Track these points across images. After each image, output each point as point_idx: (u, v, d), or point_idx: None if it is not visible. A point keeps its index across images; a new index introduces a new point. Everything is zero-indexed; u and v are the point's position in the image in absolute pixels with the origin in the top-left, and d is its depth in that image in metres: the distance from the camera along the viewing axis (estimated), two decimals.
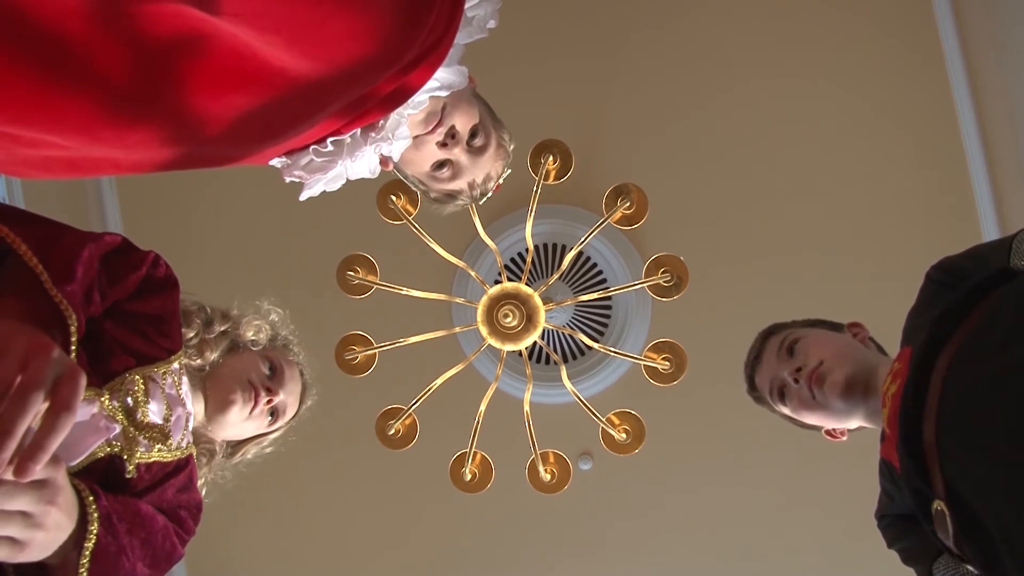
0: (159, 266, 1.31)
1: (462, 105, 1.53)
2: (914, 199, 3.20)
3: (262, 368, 1.55)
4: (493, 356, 3.14)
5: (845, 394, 1.50)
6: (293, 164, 1.43)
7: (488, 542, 3.42)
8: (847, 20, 3.21)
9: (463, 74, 1.47)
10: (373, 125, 1.41)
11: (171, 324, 1.31)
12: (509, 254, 3.30)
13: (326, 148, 1.40)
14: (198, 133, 1.15)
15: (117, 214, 3.30)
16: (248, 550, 3.37)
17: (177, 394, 1.31)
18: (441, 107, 1.49)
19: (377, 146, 1.44)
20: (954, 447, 1.11)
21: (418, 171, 1.61)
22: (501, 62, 3.21)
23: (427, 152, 1.54)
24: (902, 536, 1.47)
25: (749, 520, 3.35)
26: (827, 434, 1.68)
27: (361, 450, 2.93)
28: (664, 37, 3.27)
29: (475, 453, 2.59)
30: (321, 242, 3.19)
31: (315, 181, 1.47)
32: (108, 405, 1.17)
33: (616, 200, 2.57)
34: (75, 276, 1.11)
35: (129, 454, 1.18)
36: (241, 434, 1.58)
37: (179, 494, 1.29)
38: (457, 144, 1.55)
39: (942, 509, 1.13)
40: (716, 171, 3.26)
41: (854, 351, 1.58)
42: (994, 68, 3.00)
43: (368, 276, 2.61)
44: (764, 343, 1.70)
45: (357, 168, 1.48)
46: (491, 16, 1.44)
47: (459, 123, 1.53)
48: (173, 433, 1.27)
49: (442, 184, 1.63)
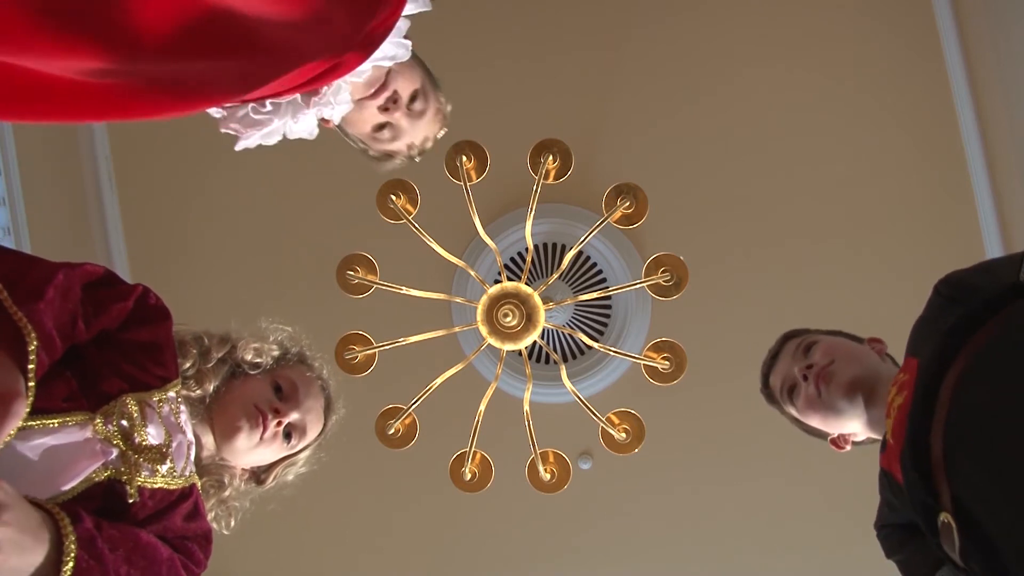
0: (148, 297, 1.29)
1: (405, 71, 1.62)
2: (914, 199, 3.20)
3: (268, 391, 1.49)
4: (493, 356, 3.14)
5: (849, 393, 1.52)
6: (229, 117, 1.49)
7: (488, 542, 3.42)
8: (847, 20, 3.21)
9: (407, 47, 1.55)
10: (315, 91, 1.48)
11: (164, 354, 1.29)
12: (509, 254, 3.30)
13: (264, 108, 1.46)
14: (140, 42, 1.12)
15: (117, 214, 3.30)
16: (248, 550, 3.37)
17: (176, 422, 1.29)
18: (385, 73, 1.58)
19: (318, 109, 1.52)
20: (962, 461, 1.11)
21: (359, 132, 1.71)
22: (501, 62, 3.21)
23: (368, 115, 1.64)
24: (901, 547, 1.48)
25: (749, 519, 3.35)
26: (832, 443, 1.70)
27: (361, 450, 2.92)
28: (664, 38, 3.27)
29: (475, 452, 2.59)
30: (321, 242, 3.19)
31: (250, 135, 1.52)
32: (102, 429, 1.16)
33: (616, 199, 2.57)
34: (44, 295, 1.10)
35: (130, 478, 1.16)
36: (262, 460, 1.53)
37: (187, 522, 1.27)
38: (398, 108, 1.64)
39: (948, 521, 1.12)
40: (716, 171, 3.26)
41: (866, 357, 1.61)
42: (994, 68, 3.00)
43: (368, 276, 2.61)
44: (783, 344, 1.74)
45: (297, 128, 1.55)
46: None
47: (401, 88, 1.62)
48: (176, 460, 1.25)
49: (382, 145, 1.73)
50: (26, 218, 2.73)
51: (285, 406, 1.50)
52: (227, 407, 1.45)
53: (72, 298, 1.16)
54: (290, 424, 1.50)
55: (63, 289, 1.14)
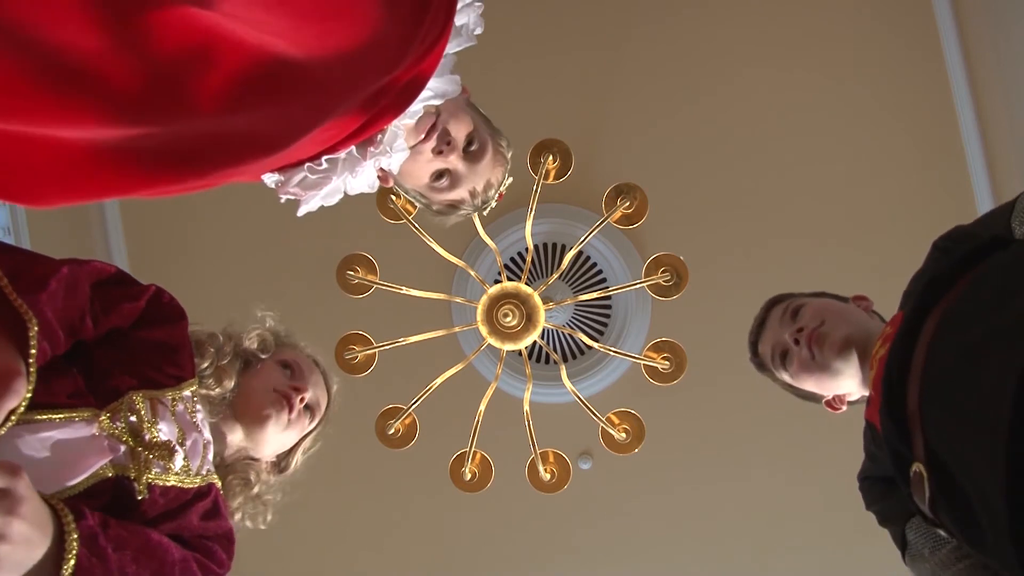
0: (162, 296, 1.30)
1: (457, 112, 1.53)
2: (914, 199, 3.20)
3: (280, 374, 1.53)
4: (493, 356, 3.14)
5: (842, 351, 1.53)
6: (287, 181, 1.42)
7: (488, 541, 3.42)
8: (847, 20, 3.21)
9: (456, 83, 1.48)
10: (371, 140, 1.41)
11: (180, 354, 1.30)
12: (509, 253, 3.30)
13: (320, 165, 1.40)
14: (199, 130, 1.12)
15: (117, 214, 3.30)
16: (248, 550, 3.36)
17: (191, 420, 1.28)
18: (435, 115, 1.50)
19: (376, 160, 1.44)
20: (936, 411, 1.12)
21: (418, 183, 1.60)
22: (501, 61, 3.21)
23: (424, 162, 1.54)
24: (881, 498, 1.48)
25: (749, 519, 3.35)
26: (827, 405, 1.69)
27: (361, 450, 2.93)
28: (664, 38, 3.27)
29: (475, 452, 2.60)
30: (321, 242, 3.19)
31: (311, 197, 1.46)
32: (108, 425, 1.15)
33: (616, 199, 2.57)
34: (47, 287, 1.11)
35: (138, 474, 1.15)
36: (286, 444, 1.55)
37: (205, 522, 1.26)
38: (453, 151, 1.54)
39: (920, 471, 1.13)
40: (716, 171, 3.26)
41: (856, 315, 1.62)
42: (994, 68, 3.00)
43: (368, 275, 2.61)
44: (769, 311, 1.75)
45: (356, 183, 1.48)
46: (477, 24, 1.46)
47: (454, 130, 1.53)
48: (191, 458, 1.25)
49: (442, 195, 1.61)
50: (26, 218, 2.73)
51: (301, 383, 1.53)
52: (249, 399, 1.47)
53: (80, 294, 1.16)
54: (309, 399, 1.54)
55: (68, 283, 1.14)
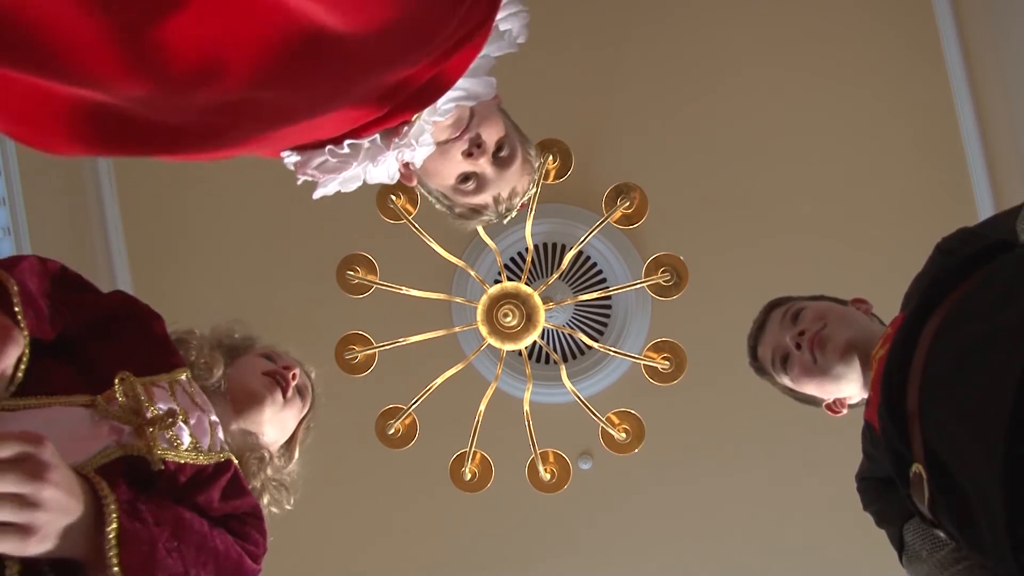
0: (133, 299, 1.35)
1: (489, 116, 1.50)
2: (914, 199, 3.20)
3: (264, 360, 1.57)
4: (493, 356, 3.14)
5: (845, 355, 1.52)
6: (306, 162, 1.38)
7: (488, 541, 3.42)
8: (847, 20, 3.21)
9: (491, 85, 1.44)
10: (396, 130, 1.37)
11: (166, 346, 1.33)
12: (509, 254, 3.30)
13: (342, 150, 1.36)
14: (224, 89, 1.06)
15: (117, 214, 3.30)
16: None
17: (192, 401, 1.30)
18: (468, 115, 1.46)
19: (399, 152, 1.40)
20: (936, 410, 1.11)
21: (442, 184, 1.56)
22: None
23: (452, 162, 1.50)
24: (878, 499, 1.47)
25: (749, 519, 3.35)
26: (828, 409, 1.68)
27: (361, 450, 2.93)
28: (664, 38, 3.27)
29: (475, 452, 2.60)
30: (321, 242, 3.19)
31: (329, 180, 1.42)
32: (105, 408, 1.16)
33: (616, 199, 2.57)
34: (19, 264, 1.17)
35: (148, 450, 1.15)
36: (286, 428, 1.58)
37: (228, 499, 1.27)
38: (483, 155, 1.50)
39: (920, 472, 1.13)
40: (716, 171, 3.26)
41: (857, 318, 1.61)
42: (994, 68, 3.00)
43: (368, 276, 2.61)
44: (768, 314, 1.74)
45: (377, 173, 1.44)
46: (521, 32, 1.42)
47: (485, 133, 1.49)
48: (199, 435, 1.25)
49: (467, 198, 1.58)
50: (26, 218, 2.73)
51: (288, 363, 1.58)
52: (242, 386, 1.50)
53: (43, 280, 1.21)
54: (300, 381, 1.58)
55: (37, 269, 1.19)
